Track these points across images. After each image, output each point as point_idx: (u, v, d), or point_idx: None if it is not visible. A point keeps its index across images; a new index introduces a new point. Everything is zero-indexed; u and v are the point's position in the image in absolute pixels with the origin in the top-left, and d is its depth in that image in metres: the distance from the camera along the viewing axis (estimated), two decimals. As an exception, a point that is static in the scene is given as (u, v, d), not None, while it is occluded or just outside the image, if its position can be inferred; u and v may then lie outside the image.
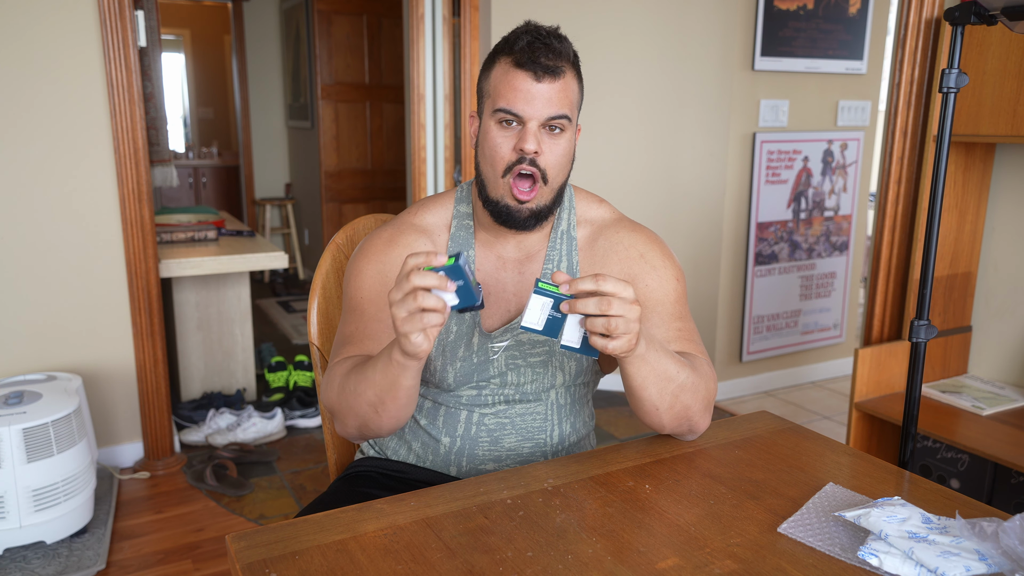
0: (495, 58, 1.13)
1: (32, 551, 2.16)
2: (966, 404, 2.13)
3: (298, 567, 0.86)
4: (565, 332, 0.98)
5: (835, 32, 3.38)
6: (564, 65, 1.10)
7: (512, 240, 1.21)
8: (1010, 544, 0.83)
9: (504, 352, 1.19)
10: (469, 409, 1.22)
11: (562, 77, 1.10)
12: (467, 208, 1.23)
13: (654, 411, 1.09)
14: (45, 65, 2.42)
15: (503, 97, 1.10)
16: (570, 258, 1.22)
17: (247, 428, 2.94)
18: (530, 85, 1.08)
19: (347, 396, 1.08)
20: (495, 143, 1.11)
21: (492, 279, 1.21)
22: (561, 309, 0.95)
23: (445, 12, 3.62)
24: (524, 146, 1.09)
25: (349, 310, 1.20)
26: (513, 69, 1.09)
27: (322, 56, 5.32)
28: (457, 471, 1.23)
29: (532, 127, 1.09)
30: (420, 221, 1.23)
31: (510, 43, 1.11)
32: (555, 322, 0.97)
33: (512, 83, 1.09)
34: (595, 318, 0.94)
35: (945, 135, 1.60)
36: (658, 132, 3.29)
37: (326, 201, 5.56)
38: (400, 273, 0.93)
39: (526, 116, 1.09)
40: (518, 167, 1.10)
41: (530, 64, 1.08)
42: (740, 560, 0.88)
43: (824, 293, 3.66)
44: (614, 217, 1.27)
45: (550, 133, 1.11)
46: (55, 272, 2.53)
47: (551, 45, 1.09)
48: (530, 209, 1.13)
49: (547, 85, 1.09)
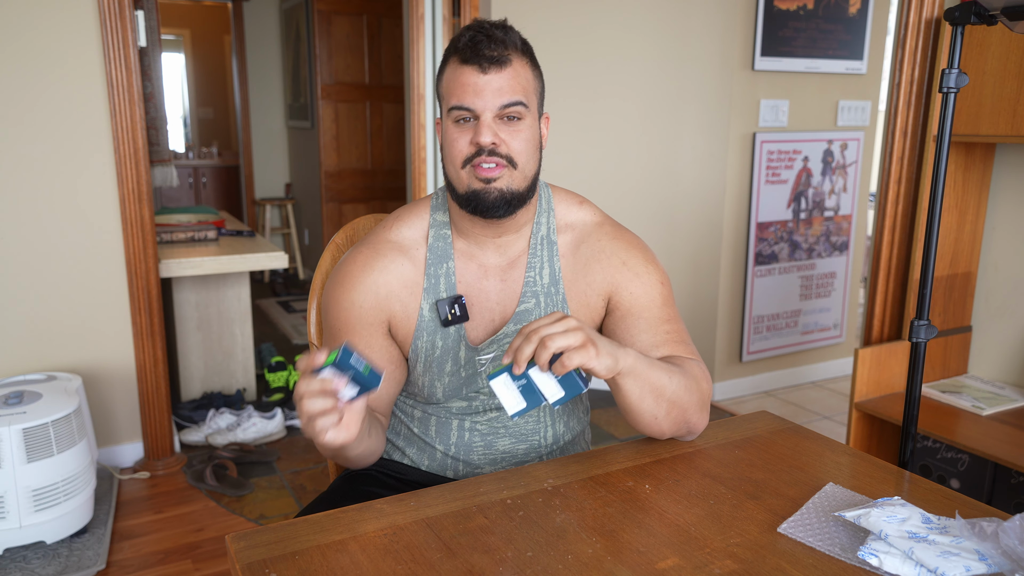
0: (446, 59, 1.13)
1: (32, 551, 2.16)
2: (966, 404, 2.13)
3: (298, 567, 0.86)
4: (544, 391, 0.98)
5: (835, 32, 3.38)
6: (509, 53, 1.09)
7: (491, 246, 1.19)
8: (1010, 544, 0.83)
9: (491, 364, 1.19)
10: (460, 418, 1.21)
11: (508, 65, 1.09)
12: (444, 216, 1.21)
13: (653, 421, 1.09)
14: (45, 65, 2.42)
15: (454, 95, 1.09)
16: (552, 264, 1.20)
17: (247, 428, 2.94)
18: (476, 78, 1.08)
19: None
20: (452, 139, 1.10)
21: (475, 289, 1.19)
22: (515, 372, 0.96)
23: (445, 12, 3.62)
24: (480, 139, 1.08)
25: (327, 337, 1.21)
26: (460, 66, 1.09)
27: (322, 56, 5.32)
28: (454, 475, 1.23)
29: (486, 119, 1.08)
30: (397, 236, 1.20)
31: (455, 42, 1.11)
32: (529, 389, 0.97)
33: (460, 79, 1.09)
34: (539, 353, 0.94)
35: (945, 135, 1.60)
36: (658, 132, 3.29)
37: (326, 201, 5.56)
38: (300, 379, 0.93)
39: (478, 108, 1.08)
40: (477, 159, 1.09)
41: (474, 58, 1.07)
42: (740, 560, 0.88)
43: (824, 293, 3.66)
44: (595, 221, 1.24)
45: (507, 123, 1.10)
46: (55, 272, 2.53)
47: (493, 36, 1.08)
48: (498, 190, 1.10)
49: (494, 75, 1.08)
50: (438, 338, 1.17)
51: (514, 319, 1.18)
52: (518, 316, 1.18)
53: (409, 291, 1.17)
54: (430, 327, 1.17)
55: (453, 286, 1.18)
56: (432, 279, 1.18)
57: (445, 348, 1.18)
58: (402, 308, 1.17)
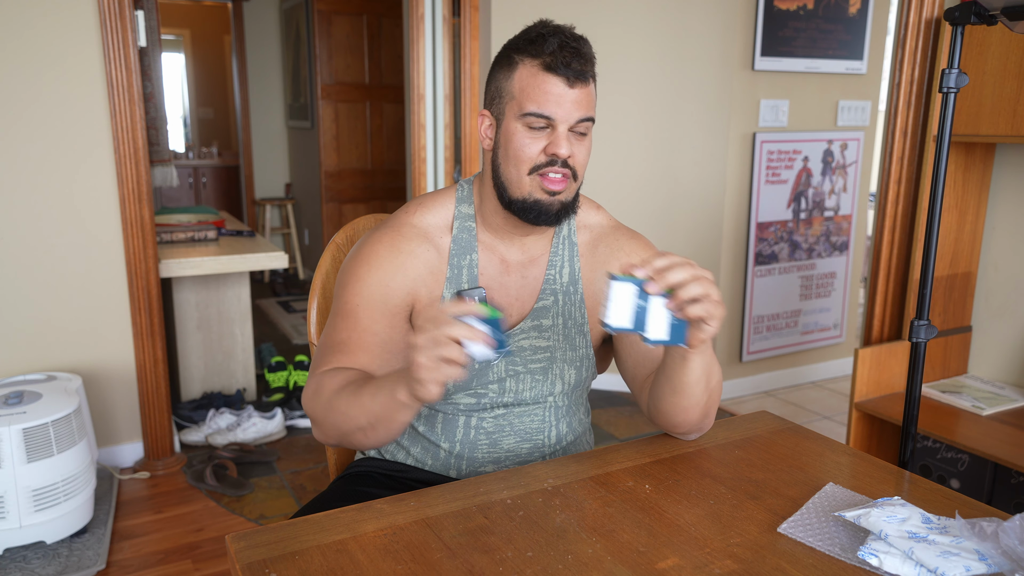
0: (517, 58, 1.11)
1: (32, 551, 2.16)
2: (966, 404, 2.13)
3: (298, 567, 0.86)
4: (651, 324, 0.93)
5: (835, 32, 3.38)
6: (591, 69, 1.11)
7: (517, 243, 1.21)
8: (1010, 544, 0.83)
9: (504, 358, 1.19)
10: (467, 415, 1.21)
11: (590, 82, 1.11)
12: (469, 209, 1.22)
13: (694, 407, 1.09)
14: (45, 65, 2.42)
15: (533, 101, 1.08)
16: (572, 263, 1.23)
17: (247, 428, 2.94)
18: (563, 90, 1.08)
19: (335, 414, 1.05)
20: (522, 144, 1.10)
21: (495, 283, 1.20)
22: (647, 290, 0.89)
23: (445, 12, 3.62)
24: (558, 151, 1.09)
25: (342, 315, 1.15)
26: (543, 73, 1.08)
27: (322, 56, 5.32)
28: (457, 474, 1.23)
29: (563, 131, 1.09)
30: (420, 222, 1.20)
31: (535, 44, 1.09)
32: (641, 314, 0.93)
33: (543, 87, 1.08)
34: (694, 305, 0.92)
35: (945, 135, 1.60)
36: (658, 132, 3.29)
37: (326, 201, 5.56)
38: (432, 316, 0.90)
39: (558, 119, 1.09)
40: (548, 169, 1.10)
41: (563, 69, 1.07)
42: (740, 560, 0.88)
43: (824, 293, 3.66)
44: (612, 224, 1.28)
45: (576, 135, 1.11)
46: (55, 272, 2.53)
47: (580, 51, 1.09)
48: (561, 202, 1.12)
49: (579, 90, 1.09)
50: None
51: (531, 315, 1.20)
52: (536, 313, 1.20)
53: (434, 278, 1.18)
54: None
55: (475, 278, 1.19)
56: (455, 269, 1.19)
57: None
58: (427, 293, 1.18)
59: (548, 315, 1.20)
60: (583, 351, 1.22)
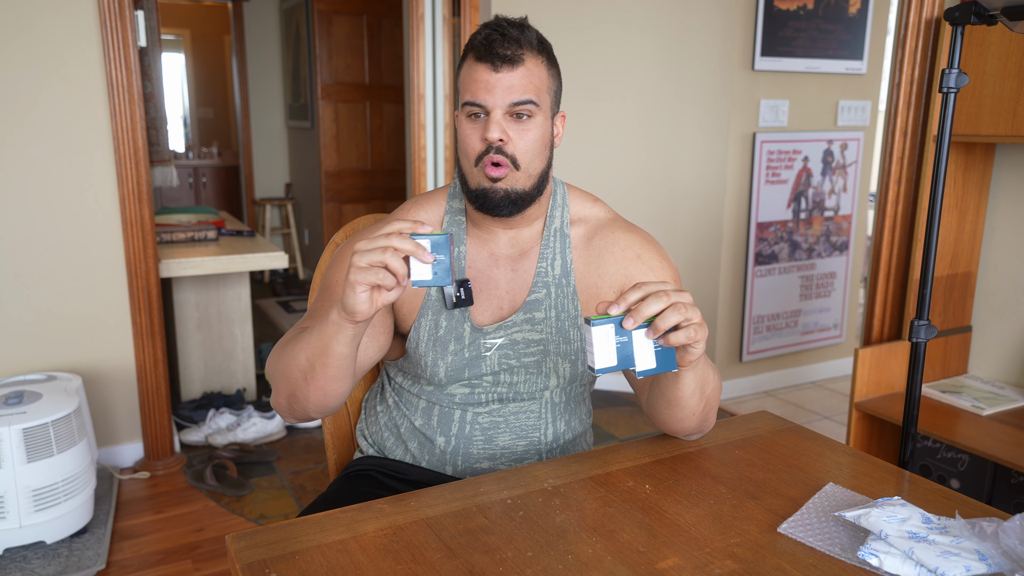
0: (464, 55, 1.15)
1: (32, 551, 2.16)
2: (966, 404, 2.13)
3: (298, 567, 0.86)
4: (638, 357, 0.92)
5: (835, 32, 3.38)
6: (524, 52, 1.11)
7: (504, 236, 1.21)
8: (1010, 544, 0.83)
9: (497, 351, 1.19)
10: (463, 408, 1.22)
11: (521, 64, 1.11)
12: (460, 204, 1.24)
13: (690, 416, 1.11)
14: (45, 65, 2.42)
15: (468, 90, 1.12)
16: (564, 256, 1.22)
17: (247, 428, 2.94)
18: (488, 76, 1.10)
19: (283, 360, 1.08)
20: (465, 135, 1.14)
21: (484, 276, 1.21)
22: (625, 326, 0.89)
23: (445, 12, 3.62)
24: (487, 135, 1.11)
25: (321, 290, 1.20)
26: (475, 63, 1.12)
27: (322, 56, 5.32)
28: (453, 470, 1.23)
29: (495, 116, 1.11)
30: (413, 217, 1.24)
31: (473, 39, 1.13)
32: (626, 350, 0.92)
33: (473, 76, 1.12)
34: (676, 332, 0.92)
35: (945, 135, 1.60)
36: (658, 132, 3.29)
37: (326, 201, 5.56)
38: (379, 229, 0.92)
39: (488, 105, 1.11)
40: (487, 157, 1.12)
41: (487, 56, 1.10)
42: (740, 560, 0.88)
43: (824, 293, 3.66)
44: (609, 217, 1.27)
45: (517, 120, 1.12)
46: (55, 272, 2.53)
47: (508, 35, 1.11)
48: (504, 190, 1.13)
49: (506, 74, 1.10)
50: (442, 318, 1.19)
51: (523, 308, 1.20)
52: (528, 306, 1.20)
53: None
54: (436, 306, 1.19)
55: (463, 270, 1.21)
56: None
57: (449, 327, 1.19)
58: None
59: (541, 308, 1.20)
60: (578, 344, 1.22)
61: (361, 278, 0.92)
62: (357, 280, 0.92)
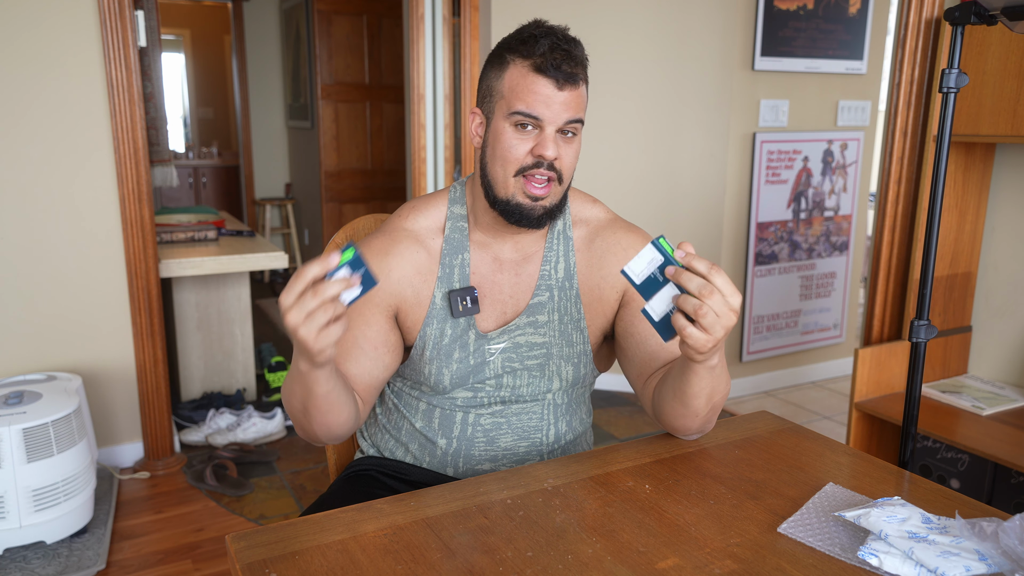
0: (508, 57, 1.11)
1: (32, 551, 2.16)
2: (966, 404, 2.13)
3: (298, 567, 0.86)
4: (654, 299, 0.96)
5: (835, 32, 3.38)
6: (581, 72, 1.11)
7: (510, 241, 1.21)
8: (1010, 544, 0.83)
9: (500, 354, 1.19)
10: (464, 411, 1.22)
11: (580, 84, 1.10)
12: (462, 209, 1.22)
13: (693, 417, 1.10)
14: (45, 65, 2.42)
15: (522, 100, 1.09)
16: (567, 258, 1.22)
17: (247, 428, 2.94)
18: (552, 92, 1.08)
19: (286, 399, 1.09)
20: (509, 144, 1.10)
21: (488, 281, 1.20)
22: (666, 273, 0.93)
23: (445, 12, 3.62)
24: (545, 152, 1.09)
25: None
26: (532, 74, 1.09)
27: (322, 56, 5.32)
28: (454, 472, 1.23)
29: (550, 132, 1.09)
30: (413, 225, 1.22)
31: (527, 44, 1.10)
32: (652, 283, 0.95)
33: (532, 88, 1.08)
34: (689, 298, 0.92)
35: (945, 135, 1.60)
36: (658, 132, 3.29)
37: (326, 201, 5.56)
38: (297, 281, 0.88)
39: (546, 120, 1.09)
40: (534, 171, 1.10)
41: (552, 71, 1.08)
42: (740, 560, 0.88)
43: (824, 293, 3.66)
44: (609, 217, 1.27)
45: (564, 137, 1.11)
46: (55, 272, 2.53)
47: (572, 53, 1.09)
48: (543, 207, 1.12)
49: (568, 92, 1.09)
50: (447, 326, 1.19)
51: (527, 312, 1.20)
52: (531, 309, 1.20)
53: (422, 278, 1.19)
54: (440, 315, 1.19)
55: (467, 277, 1.20)
56: (447, 268, 1.19)
57: (454, 336, 1.18)
58: (414, 294, 1.19)
59: (544, 311, 1.20)
60: (580, 347, 1.22)
61: (317, 346, 0.90)
62: (314, 348, 0.90)
